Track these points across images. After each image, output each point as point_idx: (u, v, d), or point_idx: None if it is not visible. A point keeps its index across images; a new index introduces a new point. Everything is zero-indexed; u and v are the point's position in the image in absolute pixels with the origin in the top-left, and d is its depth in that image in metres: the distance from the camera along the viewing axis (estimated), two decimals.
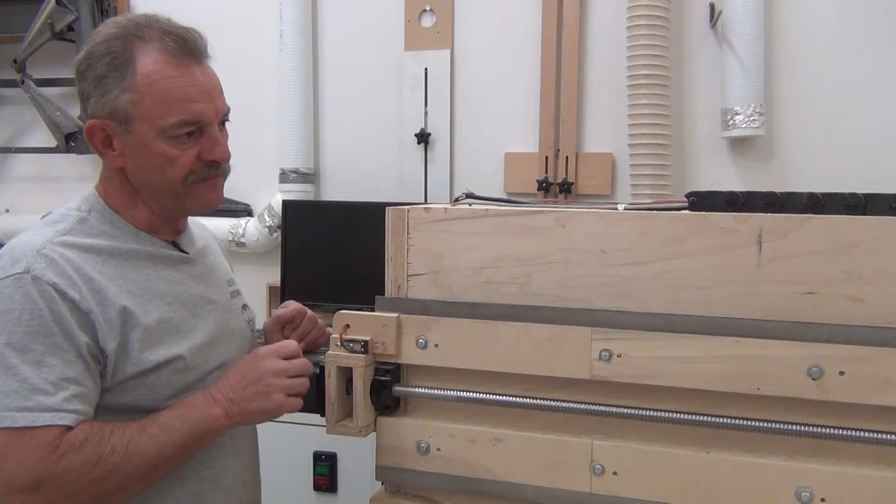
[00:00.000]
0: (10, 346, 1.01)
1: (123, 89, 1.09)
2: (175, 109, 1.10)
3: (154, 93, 1.10)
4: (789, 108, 2.14)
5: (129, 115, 1.10)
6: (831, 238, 0.98)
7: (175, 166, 1.12)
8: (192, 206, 1.18)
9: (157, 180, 1.14)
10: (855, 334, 0.96)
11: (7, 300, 1.03)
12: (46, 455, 0.99)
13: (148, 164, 1.13)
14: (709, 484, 1.03)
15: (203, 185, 1.16)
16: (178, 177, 1.13)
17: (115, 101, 1.10)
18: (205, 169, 1.15)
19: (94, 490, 1.02)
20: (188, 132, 1.12)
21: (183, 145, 1.12)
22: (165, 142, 1.11)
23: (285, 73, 2.42)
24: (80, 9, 2.52)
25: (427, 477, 1.16)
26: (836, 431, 0.98)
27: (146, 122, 1.10)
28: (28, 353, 1.01)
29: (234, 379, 1.13)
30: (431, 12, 2.38)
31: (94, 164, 2.70)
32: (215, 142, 1.15)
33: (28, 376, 1.01)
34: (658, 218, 1.05)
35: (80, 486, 1.01)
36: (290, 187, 2.42)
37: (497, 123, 2.35)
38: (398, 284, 1.17)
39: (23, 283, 1.03)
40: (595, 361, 1.06)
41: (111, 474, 1.02)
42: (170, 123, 1.10)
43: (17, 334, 1.02)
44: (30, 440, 0.99)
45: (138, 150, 1.12)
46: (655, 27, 2.09)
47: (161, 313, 1.13)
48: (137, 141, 1.11)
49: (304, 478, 2.35)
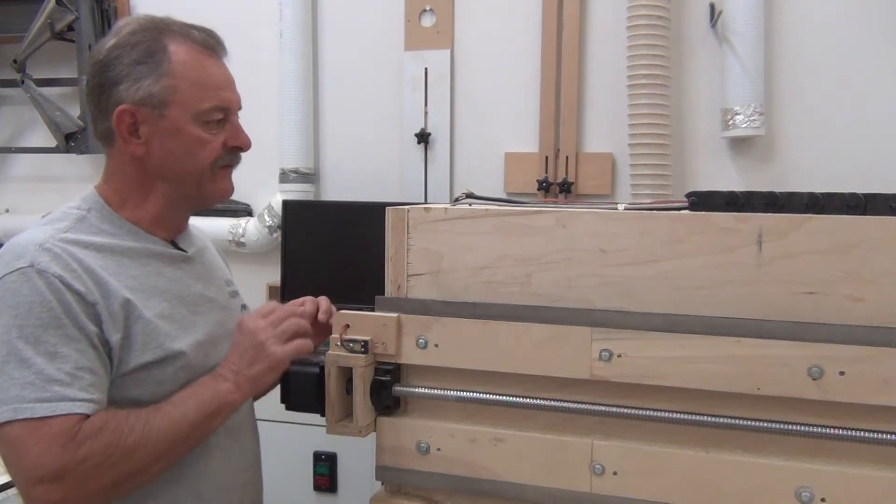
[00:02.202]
0: (22, 338, 1.02)
1: (160, 75, 1.14)
2: (210, 95, 1.17)
3: (190, 79, 1.15)
4: (789, 108, 2.14)
5: (164, 101, 1.14)
6: (831, 238, 0.98)
7: (205, 150, 1.18)
8: (212, 192, 1.22)
9: (185, 165, 1.18)
10: (855, 334, 0.96)
11: (14, 294, 1.04)
12: (66, 443, 1.00)
13: (178, 149, 1.17)
14: (709, 484, 1.03)
15: (224, 172, 1.22)
16: (207, 160, 1.18)
17: (151, 87, 1.14)
18: (228, 156, 1.21)
19: (115, 473, 1.03)
20: (218, 119, 1.18)
21: (212, 131, 1.18)
22: (199, 126, 1.17)
23: (285, 73, 2.42)
24: (80, 9, 2.52)
25: (427, 477, 1.16)
26: (836, 431, 0.98)
27: (182, 106, 1.15)
28: (41, 345, 1.02)
29: (231, 355, 1.16)
30: (431, 12, 2.38)
31: (94, 164, 2.70)
32: (239, 129, 1.22)
33: (43, 368, 1.01)
34: (658, 218, 1.05)
35: (102, 471, 1.02)
36: (290, 187, 2.41)
37: (497, 123, 2.35)
38: (398, 284, 1.17)
39: (29, 276, 1.04)
40: (595, 361, 1.06)
41: (131, 455, 1.03)
42: (205, 108, 1.16)
43: (29, 327, 1.03)
44: (49, 430, 1.00)
45: (170, 135, 1.16)
46: (655, 27, 2.08)
47: (162, 309, 1.14)
48: (171, 125, 1.15)
49: (304, 478, 2.35)
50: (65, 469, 0.99)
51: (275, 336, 1.16)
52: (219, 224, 2.42)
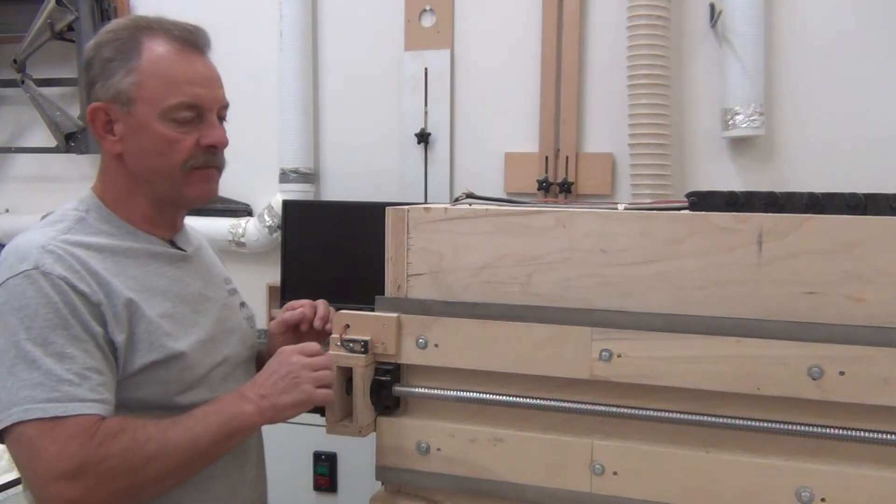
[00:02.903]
0: (30, 340, 1.02)
1: (128, 72, 1.13)
2: (176, 91, 1.13)
3: (157, 75, 1.13)
4: (789, 108, 2.14)
5: (130, 97, 1.13)
6: (831, 238, 0.98)
7: (174, 150, 1.14)
8: (189, 195, 1.18)
9: (156, 164, 1.15)
10: (855, 334, 0.96)
11: (20, 296, 1.04)
12: (84, 442, 0.99)
13: (147, 148, 1.14)
14: (709, 484, 1.03)
15: (200, 173, 1.17)
16: (177, 161, 1.14)
17: (119, 84, 1.13)
18: (203, 155, 1.16)
19: (131, 479, 1.02)
20: (188, 117, 1.14)
21: (183, 129, 1.14)
22: (166, 124, 1.13)
23: (285, 72, 2.42)
24: (80, 9, 2.52)
25: (427, 477, 1.16)
26: (836, 431, 0.98)
27: (148, 103, 1.12)
28: (49, 346, 1.02)
29: (263, 377, 1.14)
30: (431, 12, 2.38)
31: (94, 164, 2.69)
32: (213, 127, 1.17)
33: (52, 368, 1.01)
34: (658, 218, 1.05)
35: (118, 474, 1.01)
36: (290, 187, 2.42)
37: (497, 123, 2.35)
38: (398, 284, 1.17)
39: (34, 278, 1.04)
40: (595, 361, 1.06)
41: (148, 463, 1.03)
42: (170, 105, 1.13)
43: (36, 329, 1.02)
44: (63, 430, 0.99)
45: (139, 133, 1.14)
46: (655, 27, 2.09)
47: (164, 308, 1.14)
48: (138, 123, 1.13)
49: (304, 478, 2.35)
50: (84, 466, 0.99)
51: (312, 378, 1.13)
52: (219, 224, 2.42)
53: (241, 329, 1.30)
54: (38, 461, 0.99)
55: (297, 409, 1.13)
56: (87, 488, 0.99)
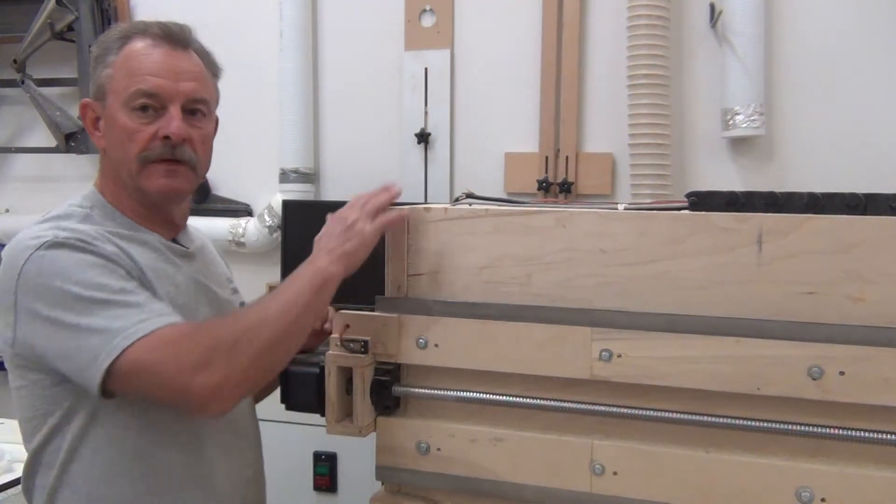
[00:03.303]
0: (87, 290, 1.03)
1: (105, 66, 1.16)
2: (135, 81, 1.15)
3: (125, 67, 1.15)
4: (789, 108, 2.13)
5: (105, 91, 1.16)
6: (831, 238, 0.98)
7: (132, 140, 1.14)
8: (146, 188, 1.16)
9: (120, 156, 1.16)
10: (855, 334, 0.96)
11: (52, 263, 1.05)
12: (194, 337, 1.02)
13: (114, 139, 1.17)
14: (709, 484, 1.03)
15: (156, 167, 1.15)
16: (133, 152, 1.14)
17: (98, 79, 1.17)
18: (160, 148, 1.15)
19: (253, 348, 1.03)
20: (145, 104, 1.14)
21: (143, 120, 1.14)
22: (126, 114, 1.14)
23: (285, 72, 2.42)
24: (80, 9, 2.52)
25: (427, 477, 1.16)
26: (836, 431, 0.98)
27: (114, 94, 1.15)
28: (106, 288, 1.04)
29: (322, 240, 1.15)
30: (431, 12, 2.38)
31: (94, 164, 2.69)
32: (171, 118, 1.15)
33: (124, 299, 1.04)
34: (658, 218, 1.05)
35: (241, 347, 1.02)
36: (290, 187, 2.41)
37: (497, 123, 2.34)
38: (398, 284, 1.17)
39: (59, 246, 1.06)
40: (595, 361, 1.06)
41: (260, 331, 1.04)
42: (129, 93, 1.14)
43: (86, 281, 1.04)
44: (170, 336, 1.02)
45: (109, 125, 1.17)
46: (655, 27, 2.08)
47: (168, 291, 1.15)
48: (109, 115, 1.17)
49: (304, 478, 2.35)
50: (208, 352, 1.01)
51: (363, 215, 1.14)
52: (219, 224, 2.42)
53: None
54: (165, 370, 1.01)
55: (366, 248, 1.13)
56: (224, 368, 1.01)
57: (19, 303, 1.06)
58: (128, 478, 1.11)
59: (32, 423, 1.12)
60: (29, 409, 1.12)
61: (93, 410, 1.10)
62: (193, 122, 1.18)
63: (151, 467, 1.12)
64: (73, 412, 1.10)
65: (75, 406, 1.10)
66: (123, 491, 1.11)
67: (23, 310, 1.06)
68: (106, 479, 1.10)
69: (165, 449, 1.13)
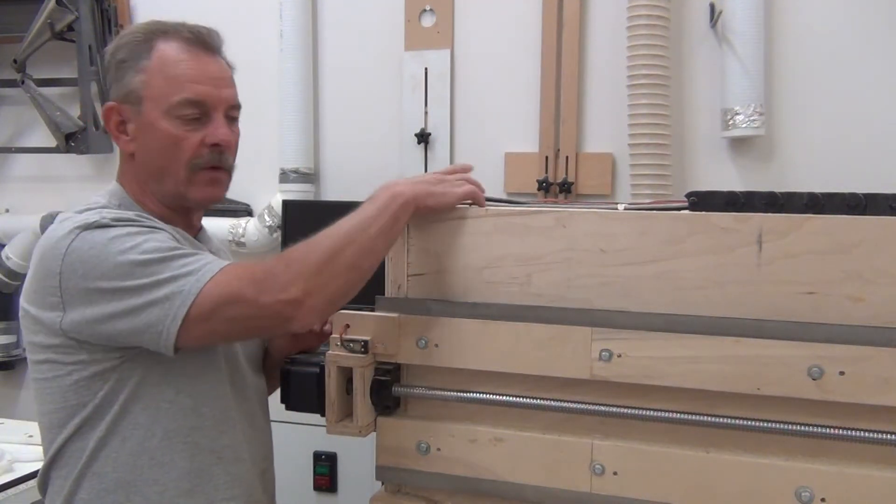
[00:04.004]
0: (144, 253, 1.05)
1: (137, 71, 1.15)
2: (180, 89, 1.15)
3: (163, 73, 1.15)
4: (789, 108, 2.13)
5: (140, 96, 1.15)
6: (831, 238, 0.98)
7: (180, 148, 1.15)
8: (193, 196, 1.19)
9: (163, 163, 1.17)
10: (855, 334, 0.96)
11: (101, 240, 1.06)
12: (262, 262, 1.05)
13: (154, 146, 1.16)
14: (709, 484, 1.03)
15: (205, 175, 1.18)
16: (182, 160, 1.16)
17: (129, 84, 1.16)
18: (209, 155, 1.17)
19: (333, 263, 1.04)
20: (193, 114, 1.15)
21: (188, 127, 1.15)
22: (171, 122, 1.15)
23: (285, 72, 2.42)
24: (80, 9, 2.52)
25: (427, 477, 1.16)
26: (836, 431, 0.98)
27: (154, 101, 1.15)
28: (161, 250, 1.06)
29: (407, 179, 1.15)
30: (431, 12, 2.38)
31: (94, 164, 2.70)
32: (218, 126, 1.17)
33: (181, 253, 1.06)
34: (658, 218, 1.05)
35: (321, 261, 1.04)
36: (290, 187, 2.41)
37: (497, 123, 2.34)
38: (398, 284, 1.17)
39: (102, 226, 1.07)
40: (595, 361, 1.06)
41: (336, 248, 1.05)
42: (175, 102, 1.14)
43: (140, 248, 1.05)
44: (241, 267, 1.06)
45: (146, 131, 1.16)
46: (655, 27, 2.08)
47: None
48: (146, 121, 1.16)
49: (304, 478, 2.35)
50: (284, 271, 1.02)
51: (455, 178, 1.17)
52: (219, 224, 2.42)
53: None
54: (246, 294, 1.02)
55: (447, 200, 1.13)
56: (303, 280, 1.02)
57: (66, 284, 1.06)
58: (157, 462, 1.12)
59: (61, 415, 1.12)
60: (59, 400, 1.12)
61: (128, 396, 1.11)
62: (231, 127, 1.21)
63: (179, 453, 1.13)
64: (108, 401, 1.11)
65: (110, 395, 1.11)
66: (153, 476, 1.12)
67: (72, 289, 1.06)
68: (134, 466, 1.11)
69: (193, 434, 1.14)
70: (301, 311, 1.03)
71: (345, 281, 1.06)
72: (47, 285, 1.08)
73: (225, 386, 1.18)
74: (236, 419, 1.20)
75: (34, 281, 1.11)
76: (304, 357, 1.31)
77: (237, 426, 1.20)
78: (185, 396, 1.13)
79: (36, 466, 1.87)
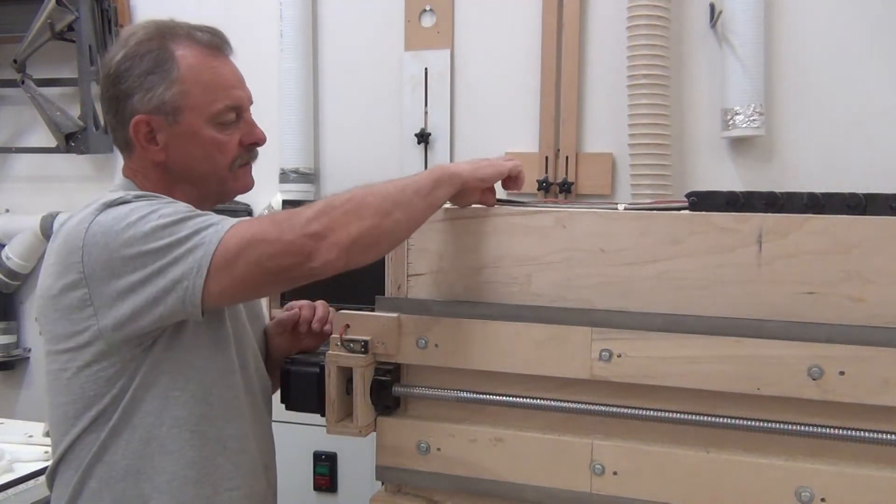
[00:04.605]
0: (163, 217, 1.05)
1: (171, 82, 1.15)
2: (221, 96, 1.18)
3: (200, 82, 1.17)
4: (789, 108, 2.13)
5: (177, 107, 1.16)
6: (831, 238, 0.98)
7: (223, 152, 1.19)
8: (236, 189, 1.25)
9: (206, 168, 1.20)
10: (855, 334, 0.96)
11: (115, 215, 1.07)
12: (282, 211, 1.08)
13: (196, 153, 1.18)
14: (709, 484, 1.03)
15: (244, 169, 1.24)
16: (225, 162, 1.20)
17: (163, 95, 1.15)
18: (247, 153, 1.23)
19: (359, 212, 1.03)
20: (232, 119, 1.20)
21: (227, 131, 1.19)
22: (214, 128, 1.18)
23: (285, 72, 2.42)
24: (80, 9, 2.52)
25: (427, 477, 1.16)
26: (836, 431, 0.98)
27: (194, 110, 1.16)
28: (179, 213, 1.07)
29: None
30: (431, 12, 2.38)
31: (94, 164, 2.70)
32: (253, 125, 1.23)
33: (200, 212, 1.08)
34: (658, 218, 1.05)
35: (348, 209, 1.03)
36: (290, 187, 2.41)
37: (497, 123, 2.34)
38: (398, 284, 1.17)
39: (116, 203, 1.09)
40: (595, 361, 1.06)
41: (368, 193, 1.05)
42: (217, 109, 1.17)
43: (157, 215, 1.06)
44: (259, 218, 1.08)
45: (186, 140, 1.17)
46: (655, 27, 2.08)
47: None
48: (186, 130, 1.17)
49: (304, 478, 2.35)
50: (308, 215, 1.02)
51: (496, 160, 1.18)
52: None
53: (262, 318, 1.38)
54: (270, 235, 1.02)
55: (493, 169, 1.14)
56: (329, 221, 1.02)
57: (88, 257, 1.06)
58: (165, 450, 1.12)
59: (77, 406, 1.12)
60: (77, 391, 1.12)
61: (140, 385, 1.11)
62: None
63: (187, 441, 1.14)
64: (123, 391, 1.11)
65: (126, 385, 1.11)
66: (161, 464, 1.12)
67: (95, 262, 1.06)
68: (143, 455, 1.12)
69: (201, 423, 1.15)
70: (323, 245, 1.01)
71: (370, 224, 1.03)
72: (70, 262, 1.07)
73: (234, 377, 1.19)
74: (243, 411, 1.21)
75: (56, 263, 1.10)
76: (304, 357, 1.31)
77: (243, 418, 1.21)
78: (195, 384, 1.14)
79: (36, 466, 1.88)
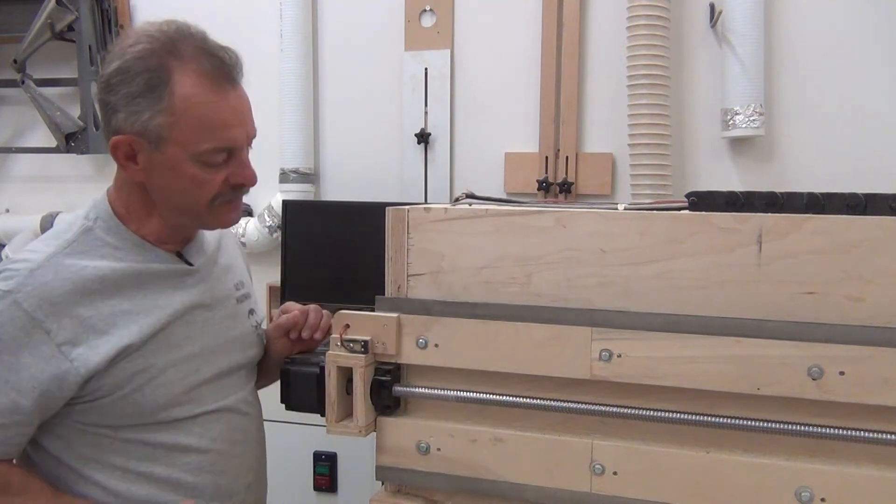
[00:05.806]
0: None
1: (158, 111, 1.08)
2: (210, 136, 1.10)
3: (190, 117, 1.09)
4: (789, 108, 2.14)
5: (161, 137, 1.09)
6: (831, 238, 0.98)
7: (202, 189, 1.12)
8: (213, 225, 1.20)
9: (182, 202, 1.14)
10: (855, 334, 0.96)
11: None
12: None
13: (174, 186, 1.12)
14: (709, 484, 1.03)
15: (227, 206, 1.17)
16: (204, 199, 1.14)
17: (148, 122, 1.09)
18: (230, 192, 1.16)
19: None
20: (221, 160, 1.13)
21: (213, 169, 1.12)
22: (197, 165, 1.11)
23: (285, 73, 2.42)
24: (80, 9, 2.52)
25: (427, 477, 1.16)
26: (836, 431, 0.98)
27: (180, 145, 1.09)
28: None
29: None
30: (431, 12, 2.38)
31: (94, 164, 2.70)
32: (244, 166, 1.16)
33: None
34: (658, 218, 1.05)
35: None
36: (290, 187, 2.41)
37: (497, 123, 2.35)
38: (398, 284, 1.17)
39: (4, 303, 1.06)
40: (595, 361, 1.06)
41: None
42: (204, 150, 1.10)
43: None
44: None
45: (166, 171, 1.11)
46: (655, 27, 2.08)
47: (152, 325, 1.14)
48: (167, 162, 1.10)
49: (304, 478, 2.35)
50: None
51: None
52: None
53: (246, 337, 1.30)
54: None
55: None
56: None
57: None
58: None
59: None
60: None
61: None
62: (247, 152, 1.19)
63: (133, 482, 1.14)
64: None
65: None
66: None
67: None
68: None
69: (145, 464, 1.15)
70: None
71: None
72: None
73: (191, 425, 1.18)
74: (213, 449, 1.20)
75: None
76: (304, 357, 1.31)
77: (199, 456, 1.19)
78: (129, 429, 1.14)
79: None
